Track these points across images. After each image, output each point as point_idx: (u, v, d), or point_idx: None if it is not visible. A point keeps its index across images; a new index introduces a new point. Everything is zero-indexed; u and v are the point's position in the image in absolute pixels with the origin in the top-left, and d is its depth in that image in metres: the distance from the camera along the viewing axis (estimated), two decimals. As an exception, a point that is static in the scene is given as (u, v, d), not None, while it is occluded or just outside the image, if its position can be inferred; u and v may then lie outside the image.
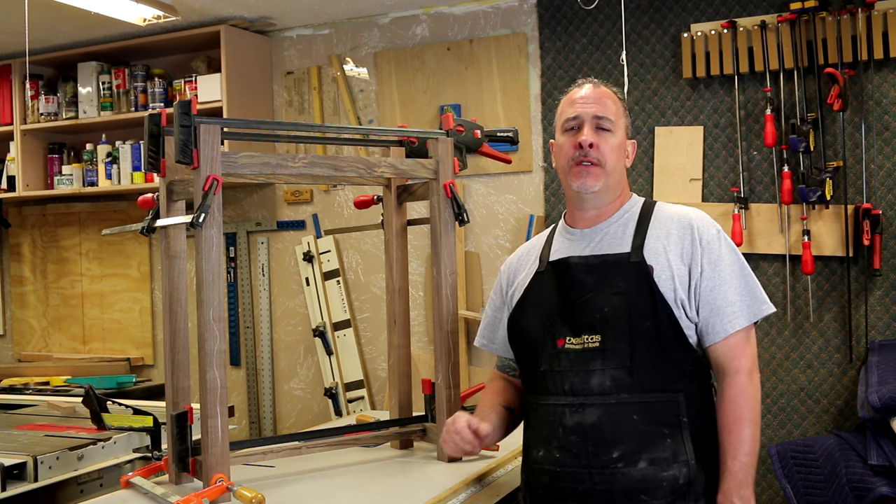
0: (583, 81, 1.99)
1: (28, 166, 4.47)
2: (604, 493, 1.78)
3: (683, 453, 1.78)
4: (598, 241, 1.92)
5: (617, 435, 1.78)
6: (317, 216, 4.24)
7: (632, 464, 1.77)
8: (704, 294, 1.83)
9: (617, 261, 1.86)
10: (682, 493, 1.77)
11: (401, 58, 4.04)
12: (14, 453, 2.28)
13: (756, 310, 1.85)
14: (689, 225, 1.88)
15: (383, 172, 2.16)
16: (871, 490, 2.73)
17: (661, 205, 1.96)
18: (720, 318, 1.82)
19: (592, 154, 1.90)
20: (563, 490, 1.83)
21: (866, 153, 3.29)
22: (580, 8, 3.68)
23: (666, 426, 1.79)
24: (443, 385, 2.16)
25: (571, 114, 1.94)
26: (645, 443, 1.78)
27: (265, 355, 4.33)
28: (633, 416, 1.78)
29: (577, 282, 1.87)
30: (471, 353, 3.92)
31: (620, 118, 1.95)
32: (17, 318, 4.92)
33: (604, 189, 1.92)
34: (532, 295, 1.95)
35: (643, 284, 1.81)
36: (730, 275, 1.84)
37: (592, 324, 1.82)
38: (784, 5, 3.38)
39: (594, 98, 1.93)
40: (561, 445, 1.82)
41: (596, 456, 1.78)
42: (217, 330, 1.82)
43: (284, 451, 2.04)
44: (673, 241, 1.86)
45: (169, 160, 1.97)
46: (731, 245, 1.89)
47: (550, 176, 3.79)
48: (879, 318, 3.30)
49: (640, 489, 1.77)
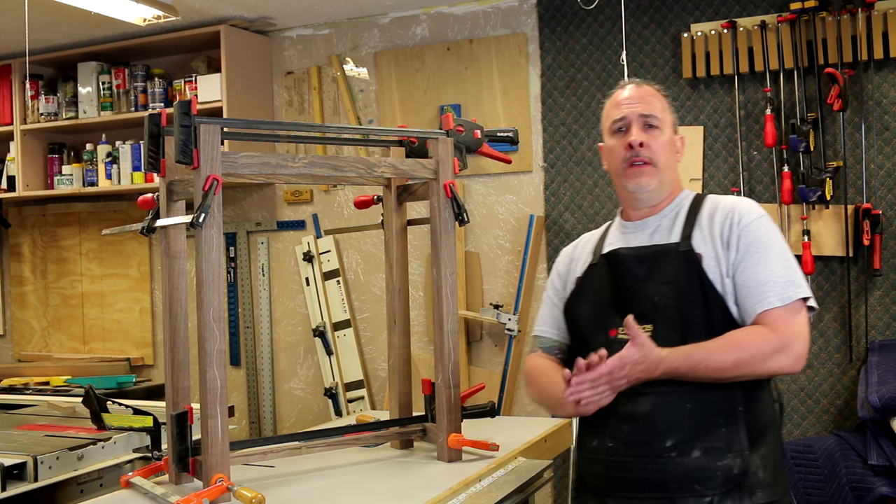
0: (624, 83, 2.02)
1: (28, 166, 4.47)
2: (657, 483, 1.78)
3: (738, 443, 1.77)
4: (650, 232, 1.95)
5: (670, 424, 1.78)
6: (317, 216, 4.24)
7: (685, 453, 1.77)
8: (738, 274, 1.83)
9: (666, 251, 1.88)
10: (736, 484, 1.76)
11: (401, 58, 4.04)
12: (14, 453, 2.28)
13: (790, 292, 1.81)
14: (731, 210, 1.89)
15: (383, 172, 2.16)
16: (871, 490, 2.74)
17: (711, 196, 1.98)
18: (752, 298, 1.81)
19: (644, 153, 1.92)
20: (615, 480, 1.84)
21: (866, 153, 3.29)
22: (580, 8, 3.68)
23: (721, 415, 1.79)
24: (443, 385, 2.16)
25: (618, 115, 1.96)
26: (699, 432, 1.77)
27: (265, 355, 4.33)
28: (686, 405, 1.79)
29: (628, 272, 1.89)
30: (471, 353, 3.92)
31: (666, 114, 1.97)
32: (17, 318, 4.92)
33: (658, 187, 1.95)
34: (586, 286, 1.99)
35: (692, 273, 1.82)
36: (766, 256, 1.83)
37: (644, 313, 1.83)
38: (784, 5, 3.38)
39: (638, 97, 1.95)
40: (614, 435, 1.84)
41: (649, 445, 1.79)
42: (217, 330, 1.82)
43: (284, 451, 2.04)
44: (716, 227, 1.88)
45: (169, 160, 1.97)
46: (772, 230, 1.88)
47: (550, 176, 3.79)
48: (879, 318, 3.30)
49: (693, 479, 1.76)
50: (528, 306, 3.82)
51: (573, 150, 3.76)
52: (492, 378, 3.81)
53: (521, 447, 2.24)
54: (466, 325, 3.88)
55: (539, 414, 3.82)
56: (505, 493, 1.93)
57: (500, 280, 3.90)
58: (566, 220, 3.77)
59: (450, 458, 2.13)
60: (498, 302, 3.83)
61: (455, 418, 2.15)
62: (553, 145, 3.79)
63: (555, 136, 3.78)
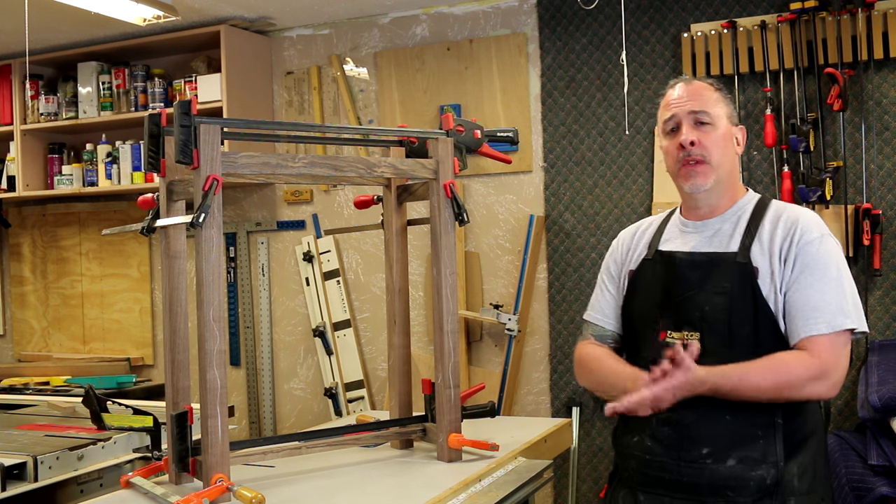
0: (675, 81, 1.99)
1: (28, 166, 4.47)
2: (690, 486, 1.82)
3: (773, 454, 1.79)
4: (709, 236, 1.93)
5: (708, 433, 1.81)
6: (317, 216, 4.24)
7: (720, 461, 1.80)
8: (790, 294, 1.81)
9: (723, 259, 1.86)
10: (769, 493, 1.79)
11: (401, 58, 4.04)
12: (14, 453, 2.28)
13: (839, 321, 1.79)
14: (793, 224, 1.86)
15: (383, 172, 2.16)
16: (871, 490, 2.73)
17: (775, 203, 1.95)
18: (799, 321, 1.80)
19: (695, 152, 1.89)
20: (649, 477, 1.88)
21: (866, 153, 3.29)
22: (580, 8, 3.68)
23: (760, 427, 1.80)
24: (443, 385, 2.16)
25: (668, 115, 1.95)
26: (735, 442, 1.80)
27: (265, 355, 4.33)
28: (726, 416, 1.80)
29: (681, 277, 1.88)
30: (471, 353, 3.92)
31: (720, 108, 1.93)
32: (17, 318, 4.92)
33: (715, 185, 1.92)
34: (639, 282, 1.98)
35: (746, 286, 1.81)
36: (821, 279, 1.80)
37: (692, 321, 1.84)
38: (784, 5, 3.38)
39: (688, 95, 1.93)
40: (653, 435, 1.86)
41: (686, 450, 1.82)
42: (217, 330, 1.82)
43: (284, 451, 2.04)
44: (777, 241, 1.85)
45: (169, 160, 1.97)
46: (832, 251, 1.85)
47: (550, 176, 3.79)
48: (879, 318, 3.30)
49: (726, 486, 1.79)
50: (528, 306, 3.82)
51: (573, 150, 3.76)
52: (492, 378, 3.81)
53: (521, 447, 2.24)
54: (466, 325, 3.88)
55: (539, 414, 3.83)
56: (505, 493, 1.93)
57: (500, 280, 3.90)
58: (566, 220, 3.77)
59: (450, 458, 2.13)
60: (498, 302, 3.83)
61: (455, 418, 2.15)
62: (553, 145, 3.79)
63: (555, 136, 3.78)
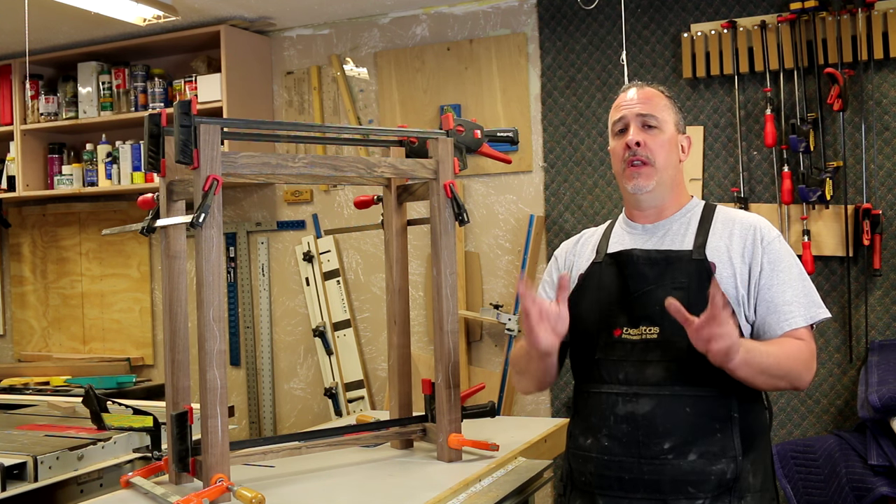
0: (628, 85, 2.03)
1: (28, 166, 4.47)
2: (651, 484, 1.81)
3: (732, 448, 1.80)
4: (660, 236, 1.95)
5: (669, 426, 1.81)
6: (317, 216, 4.24)
7: (682, 455, 1.80)
8: (763, 292, 1.86)
9: (679, 257, 1.88)
10: (728, 488, 1.80)
11: (401, 58, 4.04)
12: (14, 453, 2.28)
13: (813, 312, 1.86)
14: (751, 226, 1.91)
15: (383, 172, 2.16)
16: (871, 490, 2.74)
17: (722, 207, 2.00)
18: (777, 315, 1.84)
19: (641, 152, 1.92)
20: (608, 479, 1.86)
21: (866, 153, 3.29)
22: (580, 8, 3.68)
23: (717, 420, 1.81)
24: (443, 385, 2.16)
25: (617, 116, 1.98)
26: (696, 435, 1.80)
27: (265, 355, 4.33)
28: (685, 409, 1.81)
29: (639, 274, 1.89)
30: (471, 353, 3.92)
31: (668, 114, 1.97)
32: (17, 318, 4.92)
33: (658, 187, 1.94)
34: (588, 285, 1.98)
35: (704, 281, 1.82)
36: (788, 276, 1.86)
37: (651, 316, 1.85)
38: (784, 5, 3.38)
39: (638, 98, 1.96)
40: (611, 434, 1.85)
41: (646, 446, 1.81)
42: (217, 330, 1.82)
43: (284, 451, 2.04)
44: (735, 241, 1.89)
45: (169, 160, 1.97)
46: (791, 250, 1.92)
47: (550, 176, 3.79)
48: (879, 318, 3.30)
49: (687, 481, 1.79)
50: (528, 306, 3.82)
51: (573, 150, 3.76)
52: (492, 378, 3.81)
53: (521, 447, 2.24)
54: (466, 325, 3.88)
55: (539, 414, 3.83)
56: (505, 493, 1.94)
57: (500, 280, 3.90)
58: (566, 220, 3.77)
59: (450, 458, 2.13)
60: (498, 302, 3.83)
61: (455, 418, 2.15)
62: (553, 145, 3.79)
63: (555, 136, 3.78)
